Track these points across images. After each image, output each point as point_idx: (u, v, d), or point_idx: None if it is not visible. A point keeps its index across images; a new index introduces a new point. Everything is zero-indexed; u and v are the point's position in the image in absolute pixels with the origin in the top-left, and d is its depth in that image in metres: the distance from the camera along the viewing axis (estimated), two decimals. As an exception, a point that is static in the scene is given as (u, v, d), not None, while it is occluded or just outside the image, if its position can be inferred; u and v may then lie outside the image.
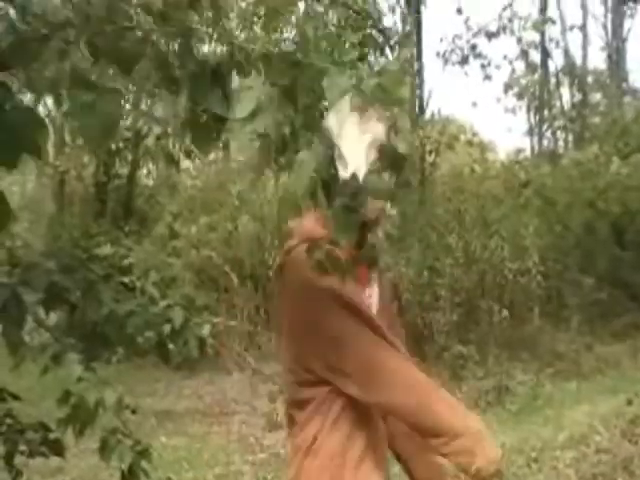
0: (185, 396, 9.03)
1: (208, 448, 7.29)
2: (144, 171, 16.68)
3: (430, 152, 13.45)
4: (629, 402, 7.33)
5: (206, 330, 3.87)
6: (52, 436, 3.36)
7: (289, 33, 13.26)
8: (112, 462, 3.76)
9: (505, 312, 10.61)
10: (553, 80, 23.57)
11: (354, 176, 1.77)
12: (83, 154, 15.60)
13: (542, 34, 20.46)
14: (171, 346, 3.90)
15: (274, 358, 9.93)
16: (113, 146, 13.63)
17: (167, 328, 3.70)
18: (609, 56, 23.85)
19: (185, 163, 16.20)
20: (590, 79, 25.11)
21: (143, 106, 15.74)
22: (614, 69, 23.47)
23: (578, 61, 24.16)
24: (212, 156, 23.29)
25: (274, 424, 7.88)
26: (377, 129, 1.84)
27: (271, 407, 8.39)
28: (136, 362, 9.50)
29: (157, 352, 3.83)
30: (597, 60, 56.79)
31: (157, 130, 3.71)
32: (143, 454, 3.92)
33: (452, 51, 16.38)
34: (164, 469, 4.37)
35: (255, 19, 13.51)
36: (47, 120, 2.03)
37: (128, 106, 15.04)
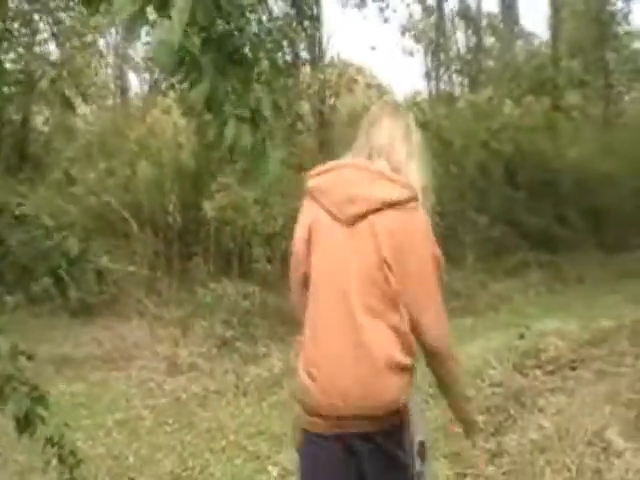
0: (84, 342, 8.92)
1: (108, 394, 7.25)
2: (39, 117, 16.28)
3: (330, 95, 13.47)
4: (521, 336, 7.55)
5: (104, 261, 3.83)
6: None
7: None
8: (7, 410, 3.72)
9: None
10: (449, 24, 23.73)
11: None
12: (-28, 99, 15.13)
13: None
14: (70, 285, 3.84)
15: (174, 303, 9.90)
16: (5, 89, 13.22)
17: (63, 262, 3.64)
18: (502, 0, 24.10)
19: (82, 108, 15.88)
20: (484, 23, 25.34)
21: (37, 49, 15.32)
22: (506, 13, 23.73)
23: (472, 4, 24.36)
24: (109, 101, 22.86)
25: (175, 369, 7.89)
26: None
27: (172, 352, 8.38)
28: (32, 310, 9.36)
29: (56, 291, 3.77)
30: (491, 4, 57.29)
31: (52, 73, 3.61)
32: (39, 401, 3.87)
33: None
34: (63, 416, 4.30)
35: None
36: None
37: (21, 49, 14.62)
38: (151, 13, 1.73)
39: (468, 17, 23.82)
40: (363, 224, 2.73)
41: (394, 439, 2.72)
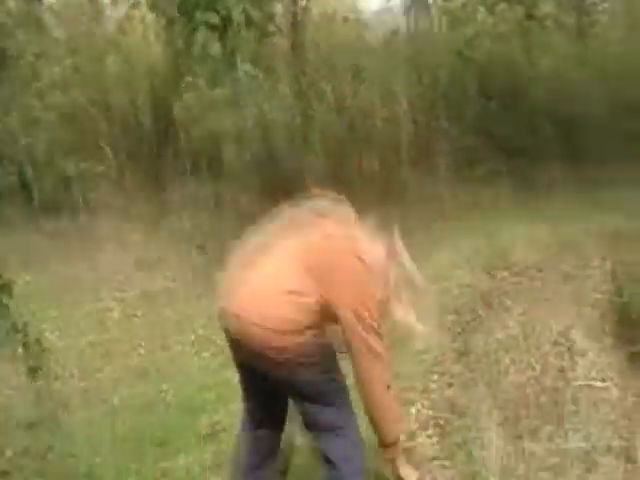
0: (49, 236, 8.78)
1: (75, 286, 7.21)
2: (2, 8, 15.82)
3: (302, -5, 13.22)
4: (490, 241, 7.60)
5: (72, 167, 3.76)
6: None
7: None
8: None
9: (376, 159, 10.71)
10: None
11: None
12: None
13: None
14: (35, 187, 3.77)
15: (142, 201, 9.82)
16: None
17: (30, 168, 3.57)
18: None
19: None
20: None
21: None
22: None
23: None
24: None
25: (142, 262, 7.84)
26: None
27: (140, 245, 8.33)
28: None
29: (22, 193, 3.71)
30: None
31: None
32: (3, 289, 3.85)
33: None
34: (29, 307, 4.30)
35: None
36: None
37: None
38: None
39: None
40: None
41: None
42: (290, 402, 3.32)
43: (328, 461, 3.19)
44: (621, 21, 17.88)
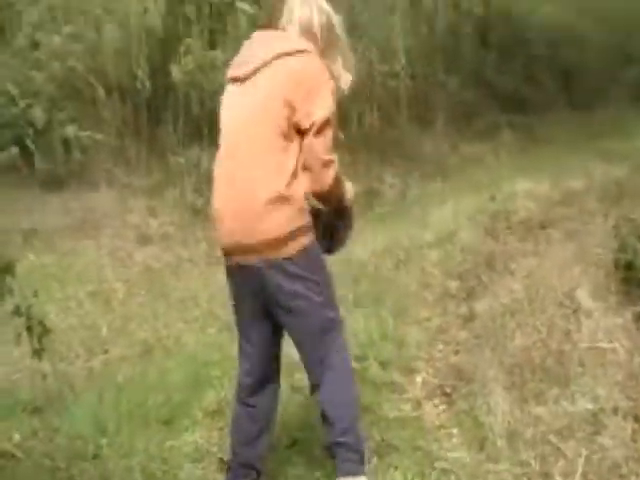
0: (52, 212, 8.70)
1: (78, 264, 7.18)
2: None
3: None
4: (491, 198, 7.57)
5: (71, 131, 3.73)
6: None
7: None
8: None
9: (376, 115, 10.63)
10: None
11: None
12: None
13: None
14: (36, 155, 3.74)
15: (144, 171, 9.77)
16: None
17: (29, 132, 3.54)
18: None
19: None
20: None
21: None
22: None
23: None
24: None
25: (146, 238, 7.82)
26: None
27: (142, 221, 8.30)
28: (-2, 181, 9.19)
29: (22, 160, 3.68)
30: None
31: None
32: (6, 270, 3.83)
33: None
34: (33, 287, 4.28)
35: None
36: None
37: None
38: None
39: None
40: (258, 76, 3.14)
41: (289, 269, 3.10)
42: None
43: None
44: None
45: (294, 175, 3.10)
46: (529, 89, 13.28)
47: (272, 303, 3.19)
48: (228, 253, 3.25)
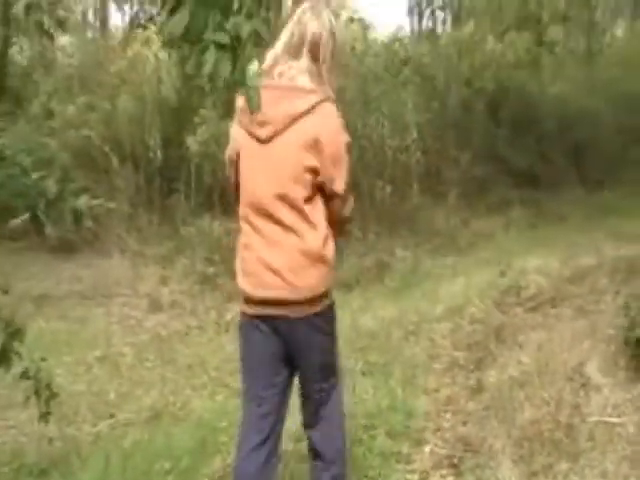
0: (63, 279, 8.85)
1: (88, 331, 7.22)
2: (17, 48, 15.96)
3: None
4: (502, 273, 7.58)
5: (83, 202, 3.77)
6: None
7: None
8: (-19, 344, 3.69)
9: (388, 188, 10.71)
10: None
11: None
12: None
13: None
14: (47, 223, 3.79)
15: (155, 240, 9.84)
16: (-19, 21, 12.96)
17: (41, 202, 3.59)
18: None
19: (61, 40, 15.56)
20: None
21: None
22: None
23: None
24: (89, 34, 22.50)
25: (156, 306, 7.86)
26: None
27: (153, 289, 8.36)
28: (10, 246, 9.27)
29: (32, 229, 3.73)
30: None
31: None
32: (15, 335, 3.85)
33: None
34: (43, 353, 4.29)
35: None
36: None
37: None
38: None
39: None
40: (280, 139, 3.23)
41: (316, 323, 3.31)
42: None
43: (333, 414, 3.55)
44: (630, 45, 17.96)
45: (327, 236, 3.29)
46: (540, 166, 13.38)
47: (295, 350, 3.37)
48: (259, 304, 3.33)
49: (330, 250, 3.30)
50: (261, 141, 3.29)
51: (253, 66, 2.14)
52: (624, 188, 13.01)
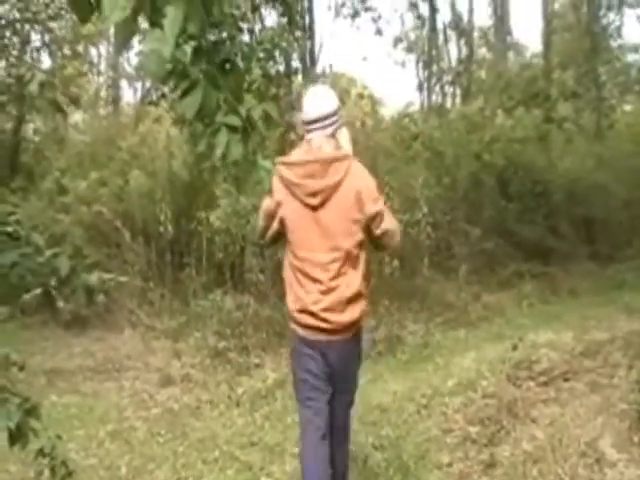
0: (76, 354, 8.90)
1: (100, 405, 7.23)
2: (30, 125, 16.24)
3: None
4: (514, 347, 7.55)
5: (95, 278, 3.82)
6: None
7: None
8: (-1, 422, 3.70)
9: (396, 263, 10.74)
10: (442, 36, 23.80)
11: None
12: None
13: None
14: (59, 299, 3.83)
15: (167, 314, 9.88)
16: (-5, 99, 13.21)
17: (53, 279, 3.63)
18: (494, 11, 24.21)
19: (74, 117, 15.84)
20: (476, 34, 25.45)
21: (28, 58, 15.26)
22: (499, 24, 23.83)
23: (465, 16, 24.46)
24: (101, 111, 22.84)
25: (168, 380, 7.86)
26: None
27: (164, 363, 8.37)
28: (24, 322, 9.34)
29: (45, 303, 3.78)
30: (482, 15, 57.52)
31: (42, 77, 3.61)
32: (32, 412, 3.86)
33: (343, 4, 16.36)
34: (55, 427, 4.31)
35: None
36: None
37: (12, 59, 14.56)
38: (142, 22, 1.74)
39: (460, 29, 23.92)
40: (327, 205, 4.13)
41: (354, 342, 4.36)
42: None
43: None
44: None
45: (365, 275, 4.29)
46: (551, 240, 13.41)
47: (339, 364, 4.30)
48: (314, 332, 4.22)
49: (366, 286, 4.32)
50: (314, 208, 4.14)
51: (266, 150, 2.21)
52: (635, 262, 13.02)
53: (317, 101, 4.29)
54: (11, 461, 5.46)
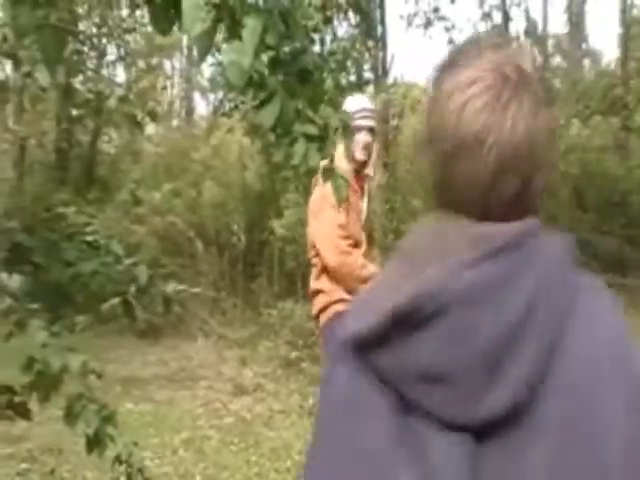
0: (150, 362, 9.01)
1: (174, 413, 7.29)
2: (106, 138, 16.51)
3: (393, 116, 13.42)
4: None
5: (172, 288, 3.86)
6: (18, 399, 3.33)
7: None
8: (77, 428, 3.75)
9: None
10: (515, 44, 23.55)
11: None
12: (43, 120, 15.41)
13: (504, -3, 20.43)
14: (136, 307, 3.88)
15: (239, 324, 9.94)
16: (74, 112, 13.43)
17: (132, 288, 3.68)
18: (569, 18, 23.90)
19: (148, 129, 16.07)
20: (550, 42, 25.16)
21: (104, 71, 15.56)
22: (574, 31, 23.53)
23: (539, 23, 24.21)
24: (175, 122, 23.12)
25: (240, 389, 7.90)
26: None
27: (237, 372, 8.42)
28: (99, 330, 9.46)
29: (123, 312, 3.82)
30: (557, 22, 56.93)
31: (119, 92, 3.67)
32: (109, 419, 3.91)
33: (416, 14, 16.27)
34: (130, 435, 4.33)
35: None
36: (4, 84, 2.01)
37: (89, 72, 14.86)
38: (219, 32, 1.76)
39: (534, 36, 23.65)
40: None
41: None
42: None
43: None
44: None
45: None
46: (628, 251, 13.16)
47: None
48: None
49: None
50: None
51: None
52: None
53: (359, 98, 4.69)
54: (88, 468, 5.53)
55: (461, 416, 1.14)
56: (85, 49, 14.62)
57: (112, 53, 16.15)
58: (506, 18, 21.20)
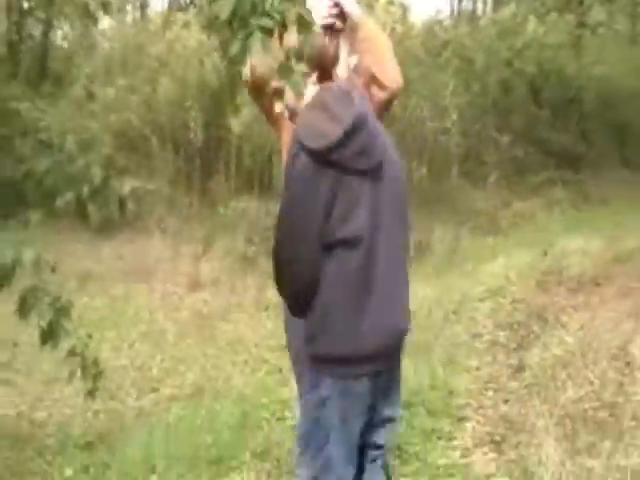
0: (106, 257, 8.94)
1: (131, 307, 7.30)
2: (59, 33, 16.10)
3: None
4: (544, 254, 7.51)
5: (126, 189, 3.81)
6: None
7: None
8: (31, 320, 3.74)
9: (424, 170, 10.67)
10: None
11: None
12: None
13: None
14: (90, 207, 3.83)
15: (196, 220, 9.90)
16: (25, 4, 13.05)
17: (86, 188, 3.63)
18: None
19: (102, 24, 15.64)
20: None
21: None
22: None
23: None
24: (129, 17, 22.55)
25: (197, 283, 7.92)
26: None
27: (193, 267, 8.41)
28: (53, 225, 9.36)
29: (76, 212, 3.77)
30: None
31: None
32: (63, 312, 3.90)
33: None
34: (87, 328, 4.36)
35: None
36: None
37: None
38: None
39: None
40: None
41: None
42: None
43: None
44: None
45: None
46: (582, 147, 13.25)
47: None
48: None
49: None
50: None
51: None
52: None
53: None
54: (46, 360, 5.53)
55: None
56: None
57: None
58: None
